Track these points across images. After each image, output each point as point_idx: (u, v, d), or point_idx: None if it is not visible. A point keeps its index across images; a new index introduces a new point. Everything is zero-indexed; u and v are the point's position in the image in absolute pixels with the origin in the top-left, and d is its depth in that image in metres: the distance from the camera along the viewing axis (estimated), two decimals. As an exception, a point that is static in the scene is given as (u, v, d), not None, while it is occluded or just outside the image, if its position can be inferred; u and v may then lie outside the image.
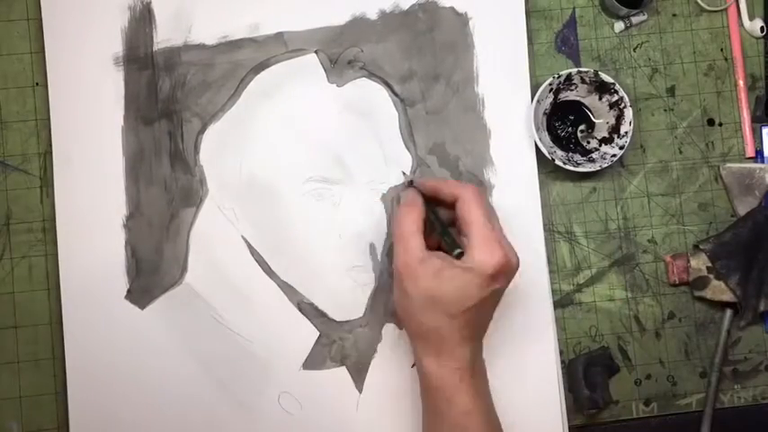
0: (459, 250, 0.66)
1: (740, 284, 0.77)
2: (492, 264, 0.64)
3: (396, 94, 0.78)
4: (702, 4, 0.81)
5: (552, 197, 0.79)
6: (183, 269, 0.75)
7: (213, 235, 0.76)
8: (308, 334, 0.76)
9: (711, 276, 0.77)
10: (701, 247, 0.78)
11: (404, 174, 0.76)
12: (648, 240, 0.79)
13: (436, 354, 0.66)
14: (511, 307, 0.76)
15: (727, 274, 0.77)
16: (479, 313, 0.66)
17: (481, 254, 0.64)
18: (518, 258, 0.66)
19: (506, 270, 0.65)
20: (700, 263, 0.78)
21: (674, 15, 0.81)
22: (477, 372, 0.68)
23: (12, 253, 0.76)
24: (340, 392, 0.76)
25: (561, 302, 0.78)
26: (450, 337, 0.65)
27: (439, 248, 0.68)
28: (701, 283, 0.78)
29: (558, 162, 0.75)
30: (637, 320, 0.79)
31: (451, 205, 0.69)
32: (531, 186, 0.78)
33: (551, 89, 0.76)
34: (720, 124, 0.80)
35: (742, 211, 0.79)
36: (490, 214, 0.68)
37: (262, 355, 0.75)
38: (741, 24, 0.81)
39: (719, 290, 0.77)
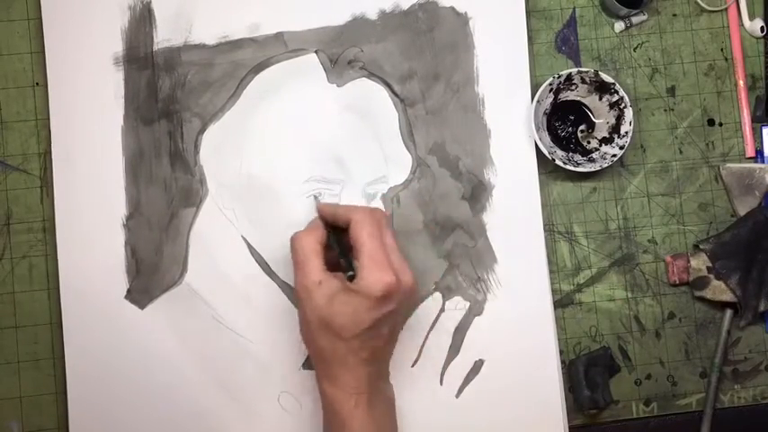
0: (350, 273, 0.65)
1: (740, 284, 0.77)
2: (380, 286, 0.63)
3: (396, 94, 0.78)
4: (702, 4, 0.81)
5: (552, 197, 0.79)
6: (183, 269, 0.75)
7: (213, 235, 0.76)
8: (308, 334, 0.76)
9: (711, 276, 0.77)
10: (701, 247, 0.78)
11: (314, 197, 0.75)
12: (648, 240, 0.79)
13: (333, 377, 0.66)
14: (511, 307, 0.76)
15: (728, 274, 0.77)
16: (374, 336, 0.65)
17: (369, 276, 0.64)
18: (413, 278, 0.66)
19: (396, 290, 0.64)
20: (700, 263, 0.78)
21: (675, 15, 0.81)
22: (375, 397, 0.67)
23: (12, 253, 0.76)
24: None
25: (561, 302, 0.78)
26: (345, 361, 0.65)
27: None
28: (701, 283, 0.78)
29: (558, 162, 0.75)
30: (637, 320, 0.79)
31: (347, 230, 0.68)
32: (531, 186, 0.78)
33: (551, 89, 0.76)
34: (720, 124, 0.80)
35: (742, 211, 0.79)
36: (383, 236, 0.66)
37: (262, 355, 0.75)
38: (741, 24, 0.81)
39: (719, 290, 0.77)
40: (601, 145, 0.78)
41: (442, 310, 0.76)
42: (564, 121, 0.79)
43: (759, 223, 0.77)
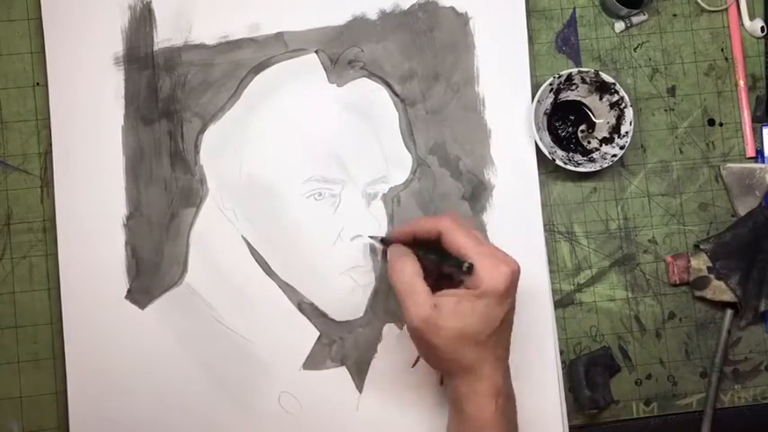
0: (467, 263, 0.64)
1: (740, 284, 0.77)
2: (502, 280, 0.63)
3: (396, 94, 0.78)
4: (703, 4, 0.81)
5: (553, 197, 0.79)
6: (183, 269, 0.75)
7: (213, 235, 0.76)
8: (309, 334, 0.76)
9: (712, 276, 0.77)
10: (701, 247, 0.78)
11: (371, 237, 0.75)
12: (649, 240, 0.79)
13: (476, 383, 0.65)
14: (511, 307, 0.76)
15: (728, 274, 0.77)
16: (505, 330, 0.66)
17: (488, 274, 0.63)
18: (517, 262, 0.66)
19: (515, 280, 0.65)
20: (700, 263, 0.78)
21: (675, 15, 0.81)
22: (509, 398, 0.68)
23: (12, 253, 0.76)
24: (340, 392, 0.75)
25: (562, 302, 0.78)
26: (485, 365, 0.65)
27: (438, 288, 0.66)
28: (701, 283, 0.78)
29: (558, 162, 0.75)
30: (637, 320, 0.79)
31: (435, 241, 0.67)
32: (532, 186, 0.78)
33: (552, 89, 0.76)
34: (721, 124, 0.80)
35: (742, 211, 0.79)
36: (474, 233, 0.67)
37: (262, 355, 0.75)
38: (741, 24, 0.81)
39: (720, 290, 0.77)
40: (601, 145, 0.78)
41: (443, 310, 0.76)
42: (564, 121, 0.79)
43: (759, 223, 0.77)
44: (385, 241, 0.73)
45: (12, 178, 0.76)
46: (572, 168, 0.76)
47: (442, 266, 0.67)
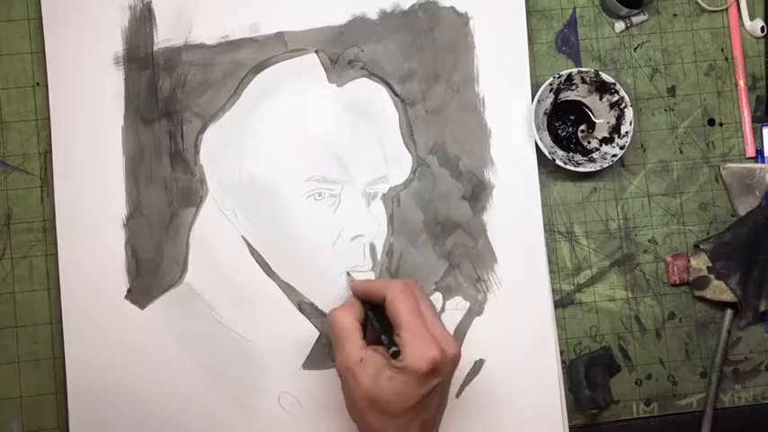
0: (394, 348, 0.63)
1: (740, 284, 0.77)
2: (425, 362, 0.62)
3: (396, 94, 0.78)
4: (703, 4, 0.81)
5: (553, 197, 0.79)
6: (183, 269, 0.75)
7: (213, 235, 0.76)
8: (308, 334, 0.76)
9: (712, 276, 0.77)
10: (701, 246, 0.78)
11: (348, 274, 0.75)
12: (649, 240, 0.79)
13: None
14: (511, 307, 0.76)
15: (728, 274, 0.77)
16: (423, 410, 0.64)
17: (413, 352, 0.62)
18: (457, 347, 0.64)
19: (442, 364, 0.63)
20: (700, 263, 0.78)
21: (675, 15, 0.81)
22: None
23: (12, 253, 0.76)
24: (340, 392, 0.75)
25: (562, 302, 0.78)
26: None
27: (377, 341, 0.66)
28: (701, 282, 0.78)
29: (558, 162, 0.75)
30: (637, 320, 0.79)
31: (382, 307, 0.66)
32: (532, 186, 0.78)
33: (552, 89, 0.76)
34: (721, 124, 0.80)
35: (742, 211, 0.79)
36: (422, 307, 0.65)
37: (262, 355, 0.75)
38: (741, 24, 0.81)
39: (720, 290, 0.77)
40: (601, 145, 0.78)
41: (443, 310, 0.76)
42: (564, 121, 0.79)
43: (759, 223, 0.77)
44: (351, 288, 0.72)
45: (12, 178, 0.76)
46: (572, 168, 0.76)
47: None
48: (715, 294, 0.78)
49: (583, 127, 0.79)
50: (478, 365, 0.76)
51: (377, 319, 0.67)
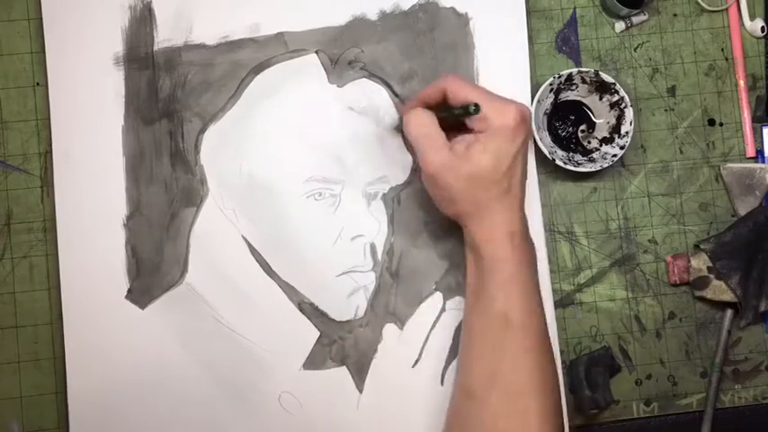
0: (473, 105, 0.66)
1: (741, 284, 0.77)
2: (511, 117, 0.66)
3: (396, 95, 0.78)
4: (703, 4, 0.81)
5: (553, 197, 0.79)
6: (184, 269, 0.75)
7: (214, 235, 0.76)
8: (309, 334, 0.76)
9: (712, 276, 0.77)
10: (701, 246, 0.78)
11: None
12: (649, 240, 0.79)
13: (488, 222, 0.67)
14: (511, 307, 0.76)
15: (728, 274, 0.77)
16: (517, 168, 0.68)
17: (497, 113, 0.66)
18: (526, 106, 0.68)
19: (523, 117, 0.67)
20: (700, 263, 0.78)
21: (675, 15, 0.81)
22: (526, 237, 0.69)
23: (12, 253, 0.76)
24: (340, 392, 0.75)
25: (562, 302, 0.78)
26: (498, 205, 0.67)
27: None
28: (701, 282, 0.78)
29: (558, 162, 0.75)
30: (637, 320, 0.79)
31: (441, 103, 0.70)
32: (532, 186, 0.78)
33: (552, 89, 0.76)
34: (721, 124, 0.80)
35: (742, 210, 0.79)
36: (479, 86, 0.70)
37: (262, 355, 0.75)
38: (742, 24, 0.81)
39: (720, 290, 0.77)
40: (601, 145, 0.78)
41: (443, 309, 0.76)
42: (564, 121, 0.79)
43: (760, 223, 0.77)
44: (398, 127, 0.74)
45: (12, 178, 0.76)
46: (572, 168, 0.76)
47: (450, 120, 0.69)
48: (715, 294, 0.78)
49: (583, 127, 0.79)
50: (479, 365, 0.76)
51: (441, 110, 0.69)
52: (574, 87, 0.77)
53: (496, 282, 0.67)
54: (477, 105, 0.66)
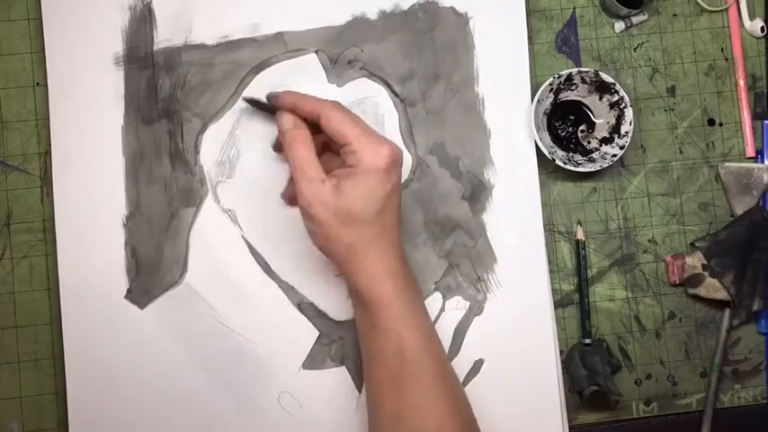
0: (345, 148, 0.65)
1: (735, 283, 0.77)
2: (381, 158, 0.65)
3: (396, 94, 0.78)
4: (703, 4, 0.81)
5: (552, 197, 0.79)
6: (183, 269, 0.75)
7: (213, 235, 0.76)
8: (308, 334, 0.76)
9: (706, 274, 0.77)
10: (696, 244, 0.78)
11: (245, 99, 0.75)
12: (649, 240, 0.79)
13: (365, 266, 0.66)
14: (511, 307, 0.76)
15: (722, 272, 0.77)
16: (390, 211, 0.66)
17: (369, 153, 0.65)
18: (399, 149, 0.66)
19: (395, 158, 0.66)
20: (695, 260, 0.78)
21: (675, 15, 0.81)
22: (408, 277, 0.67)
23: (12, 253, 0.76)
24: (340, 392, 0.75)
25: (561, 302, 0.78)
26: (371, 246, 0.65)
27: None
28: (695, 280, 0.78)
29: (558, 162, 0.75)
30: (637, 320, 0.79)
31: (312, 122, 0.68)
32: (532, 186, 0.78)
33: (552, 89, 0.76)
34: (721, 124, 0.80)
35: (739, 210, 0.79)
36: (357, 118, 0.67)
37: (262, 355, 0.75)
38: (741, 24, 0.81)
39: (714, 288, 0.77)
40: (601, 145, 0.78)
41: (443, 309, 0.77)
42: (564, 121, 0.79)
43: (756, 222, 0.78)
44: (270, 99, 0.72)
45: (12, 178, 0.76)
46: (572, 168, 0.76)
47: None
48: (708, 292, 0.78)
49: (583, 127, 0.79)
50: (478, 365, 0.76)
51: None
52: (574, 87, 0.77)
53: (386, 323, 0.65)
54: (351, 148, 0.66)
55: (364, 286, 0.66)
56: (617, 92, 0.76)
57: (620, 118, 0.77)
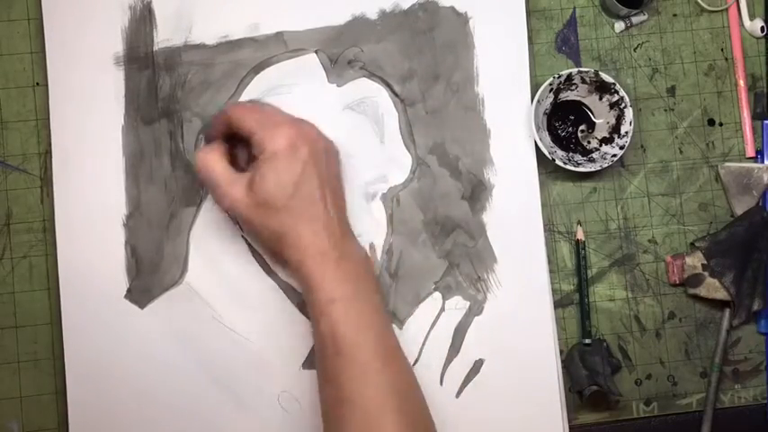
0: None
1: (735, 283, 0.77)
2: (280, 139, 0.66)
3: (396, 94, 0.78)
4: (703, 4, 0.81)
5: (552, 197, 0.79)
6: (183, 269, 0.75)
7: (213, 235, 0.76)
8: (308, 334, 0.75)
9: (706, 274, 0.77)
10: (696, 244, 0.78)
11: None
12: (649, 240, 0.79)
13: (293, 251, 0.66)
14: (511, 307, 0.76)
15: (722, 272, 0.77)
16: (306, 190, 0.66)
17: (268, 139, 0.66)
18: (309, 122, 0.68)
19: (297, 135, 0.66)
20: (695, 260, 0.78)
21: (675, 15, 0.81)
22: (344, 256, 0.67)
23: (12, 253, 0.76)
24: (340, 392, 0.75)
25: (561, 302, 0.78)
26: (297, 229, 0.66)
27: None
28: (695, 280, 0.78)
29: (558, 162, 0.75)
30: (637, 320, 0.79)
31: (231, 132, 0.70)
32: (532, 186, 0.78)
33: (552, 89, 0.76)
34: (721, 124, 0.80)
35: (739, 210, 0.79)
36: (263, 106, 0.70)
37: (262, 354, 0.75)
38: (741, 24, 0.81)
39: (713, 288, 0.77)
40: (601, 145, 0.78)
41: (442, 309, 0.77)
42: (564, 121, 0.79)
43: (756, 222, 0.78)
44: (207, 138, 0.74)
45: (12, 178, 0.76)
46: (572, 168, 0.76)
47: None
48: (708, 292, 0.78)
49: (583, 127, 0.79)
50: (478, 365, 0.76)
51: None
52: (573, 87, 0.77)
53: (319, 304, 0.65)
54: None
55: (295, 269, 0.67)
56: (617, 92, 0.76)
57: (620, 118, 0.77)
